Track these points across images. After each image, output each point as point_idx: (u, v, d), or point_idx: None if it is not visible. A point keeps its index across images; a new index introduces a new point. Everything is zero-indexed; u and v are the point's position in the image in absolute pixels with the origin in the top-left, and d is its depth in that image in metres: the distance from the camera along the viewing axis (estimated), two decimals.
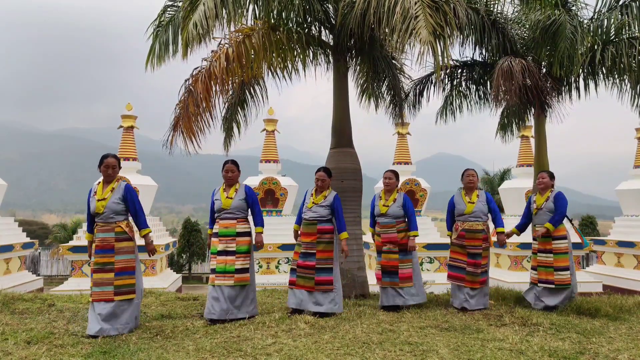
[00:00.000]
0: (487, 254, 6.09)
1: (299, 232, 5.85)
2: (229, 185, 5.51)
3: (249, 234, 5.46)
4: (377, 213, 6.12)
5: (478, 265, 5.95)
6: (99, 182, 4.99)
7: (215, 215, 5.45)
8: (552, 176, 6.26)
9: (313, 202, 5.76)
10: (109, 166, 4.91)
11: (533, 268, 6.22)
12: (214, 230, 5.44)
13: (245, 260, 5.34)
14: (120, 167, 5.08)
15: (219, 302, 5.19)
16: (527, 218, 6.40)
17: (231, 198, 5.41)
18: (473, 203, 6.05)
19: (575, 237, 6.91)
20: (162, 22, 7.30)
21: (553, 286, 5.97)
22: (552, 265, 6.00)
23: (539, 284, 6.07)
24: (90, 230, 4.95)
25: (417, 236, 6.01)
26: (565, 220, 6.17)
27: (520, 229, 6.39)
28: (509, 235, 6.24)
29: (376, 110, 8.97)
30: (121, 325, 4.72)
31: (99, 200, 4.84)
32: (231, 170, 5.50)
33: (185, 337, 4.59)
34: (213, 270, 5.29)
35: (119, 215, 4.89)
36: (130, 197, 4.94)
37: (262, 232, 5.46)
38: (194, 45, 6.09)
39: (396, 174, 6.22)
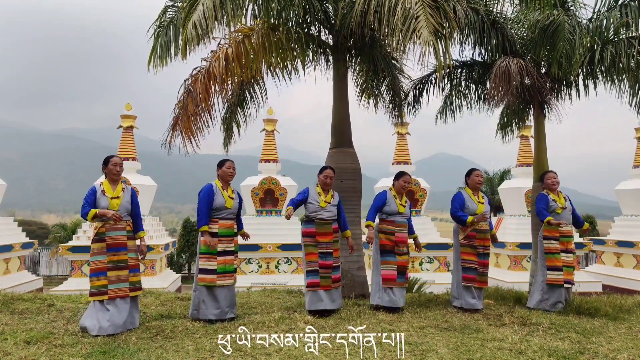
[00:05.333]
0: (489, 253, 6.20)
1: (315, 232, 5.65)
2: (226, 183, 5.50)
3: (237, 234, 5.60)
4: (394, 211, 5.97)
5: (487, 265, 6.02)
6: (102, 182, 5.06)
7: (213, 213, 5.33)
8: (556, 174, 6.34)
9: (326, 202, 5.74)
10: (117, 164, 5.05)
11: (556, 269, 6.00)
12: (212, 230, 5.28)
13: (237, 260, 5.49)
14: (123, 168, 5.22)
15: (217, 303, 5.20)
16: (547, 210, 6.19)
17: (232, 198, 5.43)
18: (482, 204, 6.08)
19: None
20: (163, 23, 7.30)
21: (571, 285, 6.05)
22: (572, 265, 6.09)
23: (565, 284, 5.98)
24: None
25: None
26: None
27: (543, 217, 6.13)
28: (552, 223, 6.00)
29: (376, 110, 8.97)
30: (129, 322, 4.83)
31: (112, 198, 4.91)
32: (233, 168, 5.52)
33: (185, 337, 4.59)
34: (211, 271, 5.18)
35: (128, 215, 5.06)
36: (135, 200, 5.16)
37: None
38: (193, 46, 6.09)
39: None
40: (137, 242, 5.15)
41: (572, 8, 7.78)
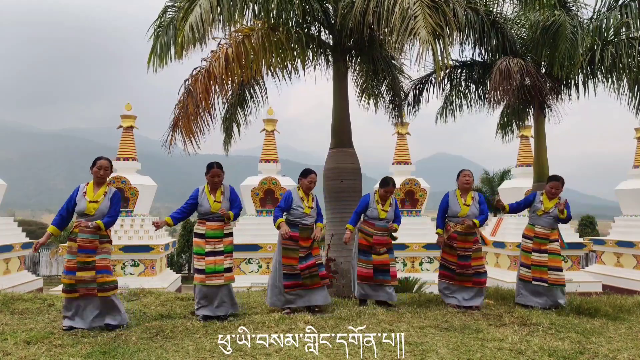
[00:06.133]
0: (479, 255, 6.16)
1: (298, 236, 5.66)
2: (214, 188, 5.48)
3: (232, 234, 5.58)
4: (374, 216, 6.08)
5: (468, 266, 6.03)
6: (88, 183, 5.02)
7: (201, 217, 5.43)
8: (563, 184, 6.25)
9: (309, 207, 5.77)
10: (102, 167, 4.99)
11: (525, 266, 6.20)
12: (200, 232, 5.38)
13: (231, 260, 5.50)
14: (112, 171, 5.17)
15: (209, 301, 5.28)
16: (522, 207, 6.36)
17: (219, 202, 5.43)
18: (468, 206, 6.09)
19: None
20: (163, 23, 7.30)
21: (547, 284, 6.02)
22: (546, 264, 6.07)
23: (533, 282, 6.07)
24: (59, 225, 4.89)
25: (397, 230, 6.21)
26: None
27: (512, 210, 6.34)
28: (503, 207, 6.19)
29: (376, 110, 8.98)
30: (97, 320, 4.83)
31: (90, 202, 4.88)
32: (217, 175, 5.43)
33: (185, 337, 4.59)
34: (201, 271, 5.28)
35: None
36: (115, 201, 5.02)
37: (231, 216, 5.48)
38: (190, 48, 6.10)
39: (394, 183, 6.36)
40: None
41: (573, 8, 7.79)
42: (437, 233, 6.22)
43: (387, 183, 6.11)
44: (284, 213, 5.77)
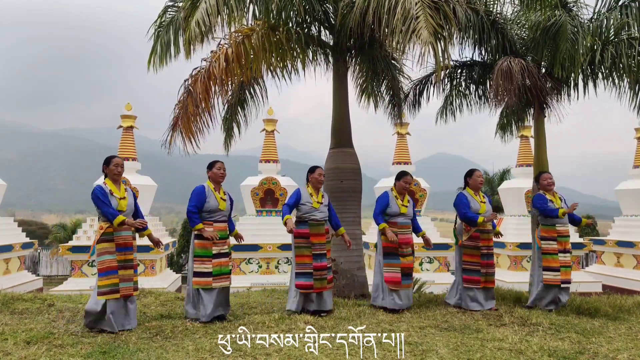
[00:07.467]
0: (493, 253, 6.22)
1: (308, 233, 5.62)
2: (218, 184, 5.47)
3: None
4: (396, 212, 5.92)
5: (492, 265, 6.03)
6: (105, 183, 5.00)
7: (207, 215, 5.32)
8: None
9: (318, 202, 5.70)
10: (119, 164, 5.04)
11: (552, 269, 5.97)
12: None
13: (230, 261, 5.50)
14: None
15: (212, 304, 5.19)
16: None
17: (225, 200, 5.43)
18: (484, 203, 6.10)
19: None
20: (163, 23, 7.30)
21: (570, 284, 6.04)
22: (569, 264, 6.08)
23: (562, 285, 5.98)
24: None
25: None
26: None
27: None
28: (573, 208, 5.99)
29: (375, 110, 8.98)
30: (126, 322, 4.88)
31: (121, 199, 4.92)
32: (224, 169, 5.49)
33: (185, 337, 4.59)
34: (207, 274, 5.19)
35: (132, 216, 5.08)
36: (135, 200, 5.20)
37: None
38: (197, 44, 6.15)
39: None
40: (138, 240, 5.18)
41: (573, 9, 7.78)
42: (479, 222, 5.85)
43: (405, 173, 6.09)
44: (294, 210, 5.73)
